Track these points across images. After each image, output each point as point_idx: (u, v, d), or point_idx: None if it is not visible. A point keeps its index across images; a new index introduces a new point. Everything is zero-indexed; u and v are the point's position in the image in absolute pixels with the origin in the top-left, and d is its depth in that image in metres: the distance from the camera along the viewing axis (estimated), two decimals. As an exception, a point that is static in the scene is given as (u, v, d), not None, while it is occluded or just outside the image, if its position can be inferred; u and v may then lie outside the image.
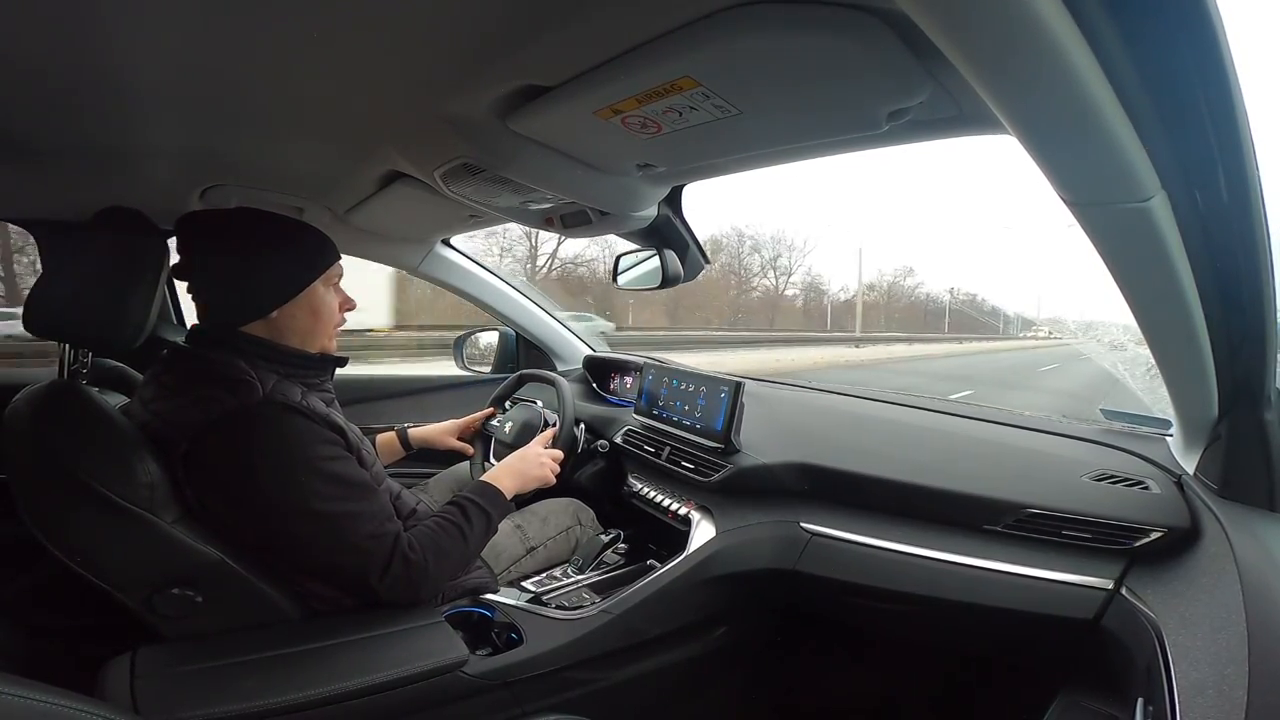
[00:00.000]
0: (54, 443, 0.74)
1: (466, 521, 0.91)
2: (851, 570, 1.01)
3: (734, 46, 0.53)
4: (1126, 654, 0.77)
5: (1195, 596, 0.71)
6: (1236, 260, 0.56)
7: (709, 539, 1.10)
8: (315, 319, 0.90)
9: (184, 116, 0.86)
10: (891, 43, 0.52)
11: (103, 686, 0.70)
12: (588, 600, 1.03)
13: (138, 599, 0.76)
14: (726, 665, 1.16)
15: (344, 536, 0.80)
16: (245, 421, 0.78)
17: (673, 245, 1.22)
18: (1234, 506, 0.76)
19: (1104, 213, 0.51)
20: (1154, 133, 0.44)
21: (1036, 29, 0.36)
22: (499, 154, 0.85)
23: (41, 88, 0.75)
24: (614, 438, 1.41)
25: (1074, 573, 0.86)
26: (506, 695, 0.88)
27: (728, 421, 1.16)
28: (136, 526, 0.74)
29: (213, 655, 0.76)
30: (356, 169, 1.08)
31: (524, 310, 1.78)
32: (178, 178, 1.15)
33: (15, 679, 0.43)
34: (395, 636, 0.83)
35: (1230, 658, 0.57)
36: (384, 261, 1.65)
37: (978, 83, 0.42)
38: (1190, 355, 0.66)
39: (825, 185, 59.23)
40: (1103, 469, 0.93)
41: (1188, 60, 0.40)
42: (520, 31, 0.59)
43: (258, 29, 0.60)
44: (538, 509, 1.21)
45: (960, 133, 0.69)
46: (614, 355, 1.78)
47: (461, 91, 0.73)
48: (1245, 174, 0.47)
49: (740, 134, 0.72)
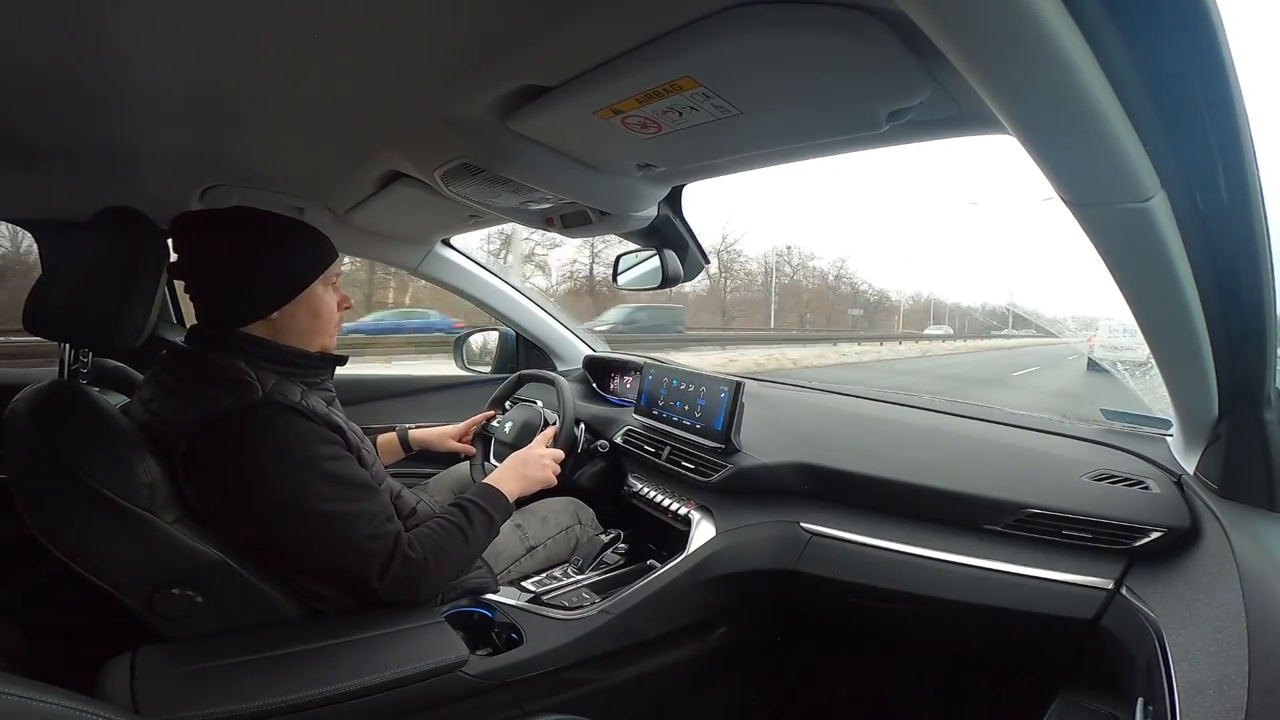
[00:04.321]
0: (54, 443, 0.74)
1: (468, 523, 0.91)
2: (851, 570, 1.01)
3: (734, 46, 0.53)
4: (1126, 654, 0.77)
5: (1195, 596, 0.71)
6: (1236, 260, 0.56)
7: (709, 539, 1.10)
8: (315, 319, 0.90)
9: (184, 116, 0.86)
10: (891, 42, 0.52)
11: (103, 686, 0.70)
12: (588, 600, 1.03)
13: (138, 599, 0.76)
14: (726, 665, 1.16)
15: (344, 536, 0.80)
16: (245, 421, 0.77)
17: (673, 245, 1.22)
18: (1234, 506, 0.76)
19: (1104, 213, 0.51)
20: (1154, 133, 0.44)
21: (1036, 29, 0.36)
22: (499, 154, 0.85)
23: (42, 88, 0.75)
24: (614, 438, 1.41)
25: (1074, 572, 0.86)
26: (506, 695, 0.88)
27: (728, 421, 1.16)
28: (136, 526, 0.74)
29: (213, 655, 0.76)
30: (356, 169, 1.08)
31: (524, 310, 1.77)
32: (178, 178, 1.15)
33: (15, 679, 0.43)
34: (395, 636, 0.83)
35: (1230, 657, 0.57)
36: (384, 261, 1.66)
37: (978, 83, 0.42)
38: (1190, 355, 0.66)
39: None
40: (1103, 469, 0.93)
41: (1188, 60, 0.40)
42: (520, 31, 0.59)
43: (258, 29, 0.60)
44: (538, 509, 1.21)
45: (960, 133, 0.70)
46: (614, 355, 1.78)
47: (461, 91, 0.73)
48: (1245, 174, 0.47)
49: (740, 134, 0.72)
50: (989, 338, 31.08)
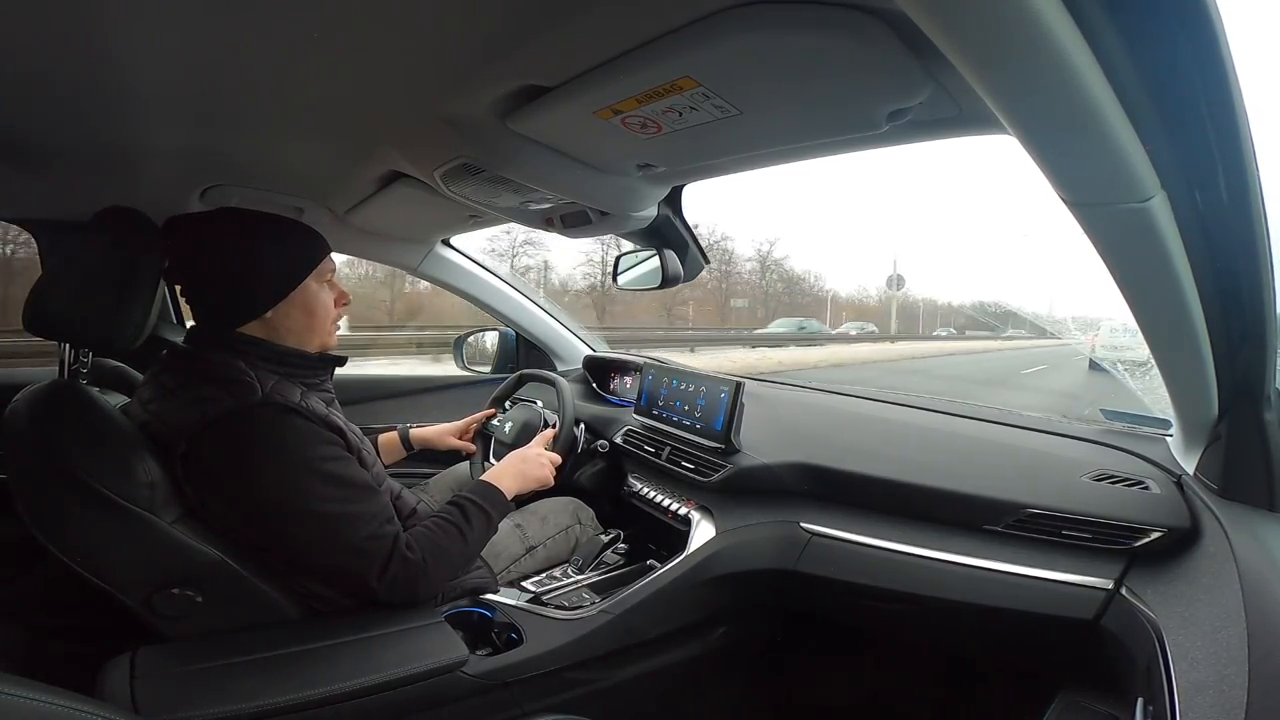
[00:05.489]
0: (54, 443, 0.74)
1: (466, 522, 0.91)
2: (851, 570, 1.01)
3: (734, 46, 0.53)
4: (1126, 654, 0.77)
5: (1195, 596, 0.71)
6: (1236, 260, 0.56)
7: (709, 539, 1.10)
8: (310, 316, 0.89)
9: (184, 116, 0.86)
10: (891, 43, 0.52)
11: (103, 686, 0.69)
12: (587, 600, 1.03)
13: (138, 599, 0.76)
14: (726, 665, 1.16)
15: (343, 537, 0.80)
16: (244, 422, 0.77)
17: (673, 245, 1.23)
18: (1234, 506, 0.76)
19: (1104, 213, 0.51)
20: (1154, 133, 0.44)
21: (1036, 29, 0.36)
22: (499, 154, 0.85)
23: (42, 88, 0.75)
24: (614, 438, 1.41)
25: (1074, 573, 0.86)
26: (506, 695, 0.88)
27: (727, 421, 1.16)
28: (136, 526, 0.74)
29: (213, 655, 0.76)
30: (356, 169, 1.08)
31: (524, 310, 1.78)
32: (178, 178, 1.15)
33: (15, 679, 0.43)
34: (395, 636, 0.83)
35: (1230, 658, 0.57)
36: (384, 261, 1.66)
37: (978, 83, 0.42)
38: (1190, 355, 0.66)
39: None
40: (1102, 469, 0.93)
41: (1188, 60, 0.40)
42: (520, 31, 0.59)
43: (258, 29, 0.60)
44: (537, 508, 1.21)
45: (960, 133, 0.69)
46: (614, 355, 1.78)
47: (461, 91, 0.73)
48: (1245, 174, 0.47)
49: (740, 134, 0.72)
50: (996, 339, 31.27)
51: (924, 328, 37.88)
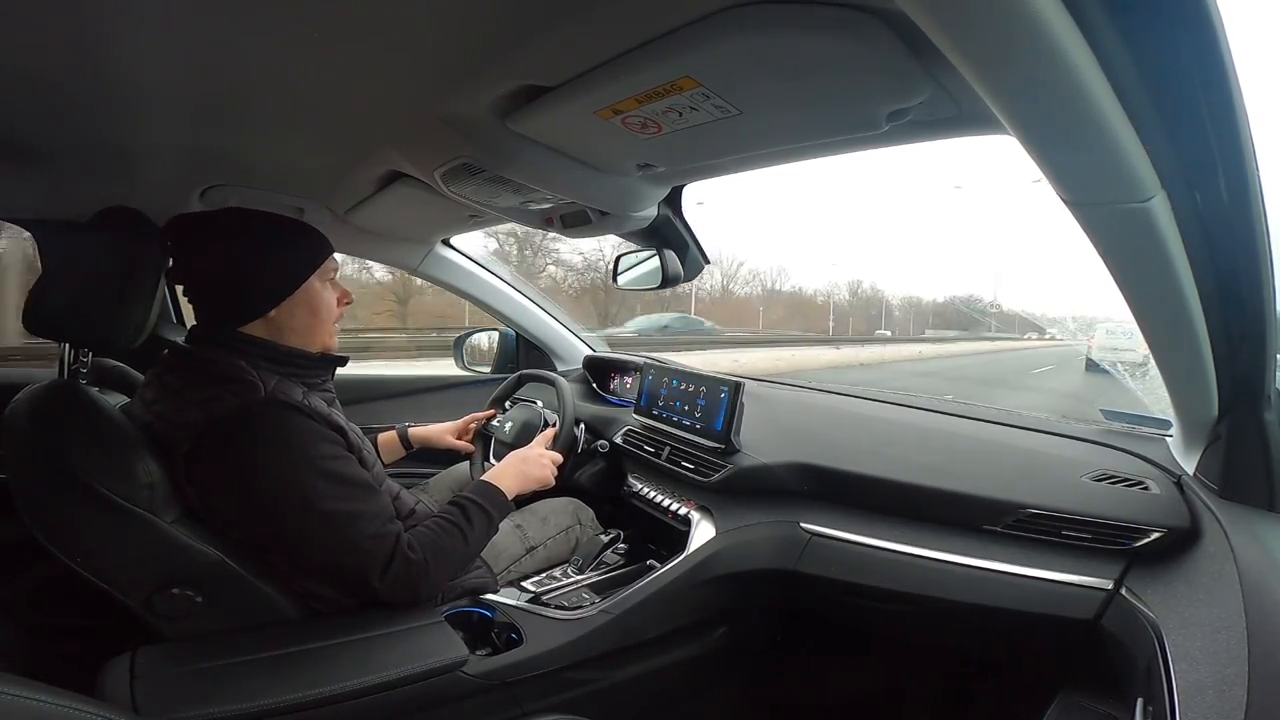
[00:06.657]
0: (54, 443, 0.74)
1: (467, 522, 0.91)
2: (851, 570, 1.01)
3: (734, 46, 0.53)
4: (1126, 654, 0.77)
5: (1195, 597, 0.71)
6: (1236, 260, 0.56)
7: (709, 539, 1.10)
8: (314, 316, 0.90)
9: (184, 116, 0.86)
10: (891, 43, 0.52)
11: (102, 686, 0.70)
12: (587, 600, 1.03)
13: (138, 599, 0.76)
14: (726, 665, 1.16)
15: (345, 536, 0.80)
16: (246, 421, 0.77)
17: (673, 245, 1.23)
18: (1234, 507, 0.76)
19: (1104, 213, 0.51)
20: (1154, 133, 0.44)
21: (1036, 29, 0.36)
22: (499, 154, 0.85)
23: (42, 88, 0.75)
24: (614, 438, 1.41)
25: (1074, 573, 0.86)
26: (506, 695, 0.88)
27: (727, 421, 1.16)
28: (136, 526, 0.74)
29: (213, 655, 0.76)
30: (356, 169, 1.08)
31: (524, 310, 1.77)
32: (178, 178, 1.15)
33: (15, 679, 0.43)
34: (395, 636, 0.83)
35: (1230, 658, 0.57)
36: (384, 261, 1.66)
37: (978, 83, 0.42)
38: (1190, 355, 0.66)
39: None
40: (1102, 469, 0.93)
41: (1188, 60, 0.40)
42: (520, 31, 0.59)
43: (258, 29, 0.60)
44: (538, 509, 1.21)
45: (960, 133, 0.69)
46: (614, 355, 1.78)
47: (461, 91, 0.73)
48: (1245, 174, 0.47)
49: (740, 134, 0.72)
50: (1001, 339, 31.33)
51: (871, 328, 37.62)
